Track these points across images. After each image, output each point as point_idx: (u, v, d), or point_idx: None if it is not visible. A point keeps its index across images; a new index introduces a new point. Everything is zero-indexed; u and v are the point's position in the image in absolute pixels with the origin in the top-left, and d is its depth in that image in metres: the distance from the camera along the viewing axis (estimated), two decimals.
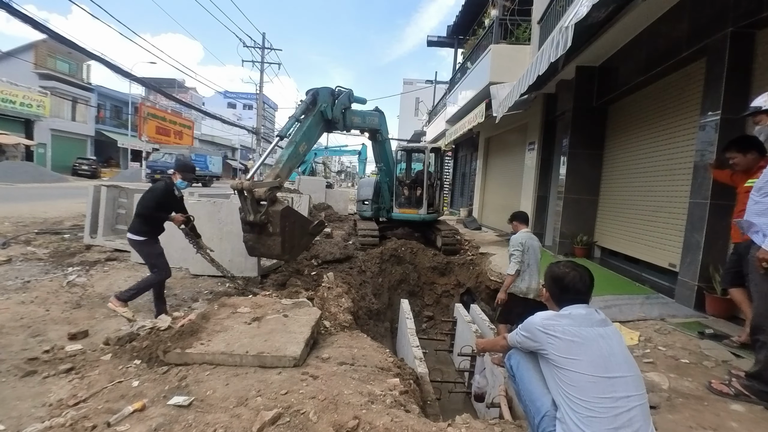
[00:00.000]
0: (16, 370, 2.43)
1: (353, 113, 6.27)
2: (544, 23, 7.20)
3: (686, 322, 3.65)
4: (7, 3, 6.74)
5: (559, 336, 1.66)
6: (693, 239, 4.02)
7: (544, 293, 1.96)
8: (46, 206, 9.48)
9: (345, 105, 5.90)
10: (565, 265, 1.90)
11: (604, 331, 1.66)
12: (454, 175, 18.30)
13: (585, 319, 1.69)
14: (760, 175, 2.39)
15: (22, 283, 4.11)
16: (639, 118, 5.64)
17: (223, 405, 2.05)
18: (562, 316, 1.74)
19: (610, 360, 1.58)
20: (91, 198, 5.86)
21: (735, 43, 3.70)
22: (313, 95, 5.24)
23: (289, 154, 4.82)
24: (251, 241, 4.20)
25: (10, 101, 21.77)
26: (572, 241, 6.66)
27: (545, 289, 1.95)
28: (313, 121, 5.22)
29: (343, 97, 5.82)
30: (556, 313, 1.80)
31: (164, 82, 35.60)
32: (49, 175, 20.16)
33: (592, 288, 1.83)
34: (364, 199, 8.75)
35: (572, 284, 1.80)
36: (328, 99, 5.43)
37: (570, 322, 1.68)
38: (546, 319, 1.75)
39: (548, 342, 1.68)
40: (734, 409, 2.27)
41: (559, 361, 1.64)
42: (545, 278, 1.96)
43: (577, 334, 1.64)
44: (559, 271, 1.87)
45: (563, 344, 1.64)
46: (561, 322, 1.70)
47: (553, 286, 1.88)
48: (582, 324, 1.67)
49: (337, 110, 5.66)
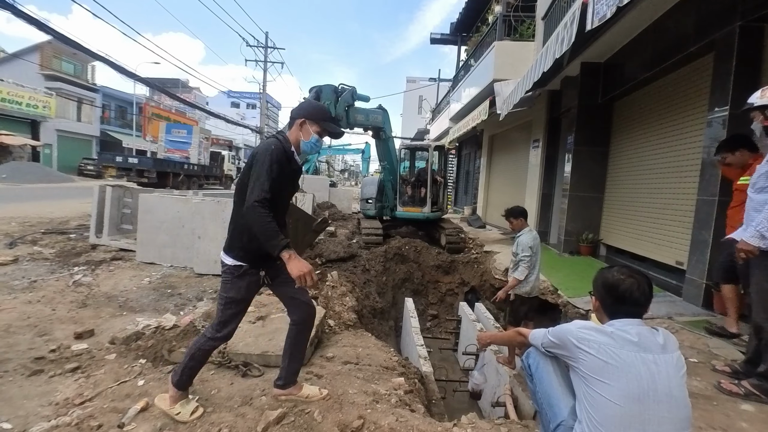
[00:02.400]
0: (23, 369, 2.45)
1: (356, 111, 6.26)
2: (548, 19, 7.14)
3: (694, 320, 3.61)
4: (11, 4, 6.78)
5: (593, 353, 1.46)
6: (701, 237, 3.97)
7: (594, 302, 1.70)
8: (52, 206, 9.55)
9: (348, 102, 5.89)
10: (620, 271, 1.63)
11: (655, 360, 1.42)
12: (457, 173, 18.24)
13: (630, 343, 1.45)
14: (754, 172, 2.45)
15: (28, 282, 4.14)
16: (645, 115, 5.58)
17: (228, 404, 2.05)
18: (603, 332, 1.51)
19: (647, 394, 1.38)
20: (96, 198, 5.88)
21: (743, 37, 3.64)
22: (316, 93, 5.24)
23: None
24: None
25: (17, 102, 21.97)
26: (577, 239, 6.61)
27: (594, 297, 1.70)
28: None
29: (347, 94, 5.81)
30: (596, 326, 1.57)
31: (168, 82, 35.76)
32: (55, 176, 20.34)
33: (651, 299, 1.59)
34: (368, 197, 8.74)
35: (629, 294, 1.54)
36: (331, 97, 5.43)
37: (610, 342, 1.46)
38: (582, 330, 1.55)
39: (580, 357, 1.50)
40: (744, 409, 2.24)
41: (588, 379, 1.47)
42: (595, 285, 1.70)
43: (614, 356, 1.43)
44: (613, 277, 1.61)
45: (596, 363, 1.45)
46: (599, 338, 1.48)
47: (605, 294, 1.61)
48: (624, 347, 1.44)
49: (341, 108, 5.67)
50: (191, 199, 5.28)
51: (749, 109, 2.43)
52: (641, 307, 1.56)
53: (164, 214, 5.18)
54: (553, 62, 4.37)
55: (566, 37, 3.96)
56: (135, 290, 4.21)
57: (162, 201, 5.31)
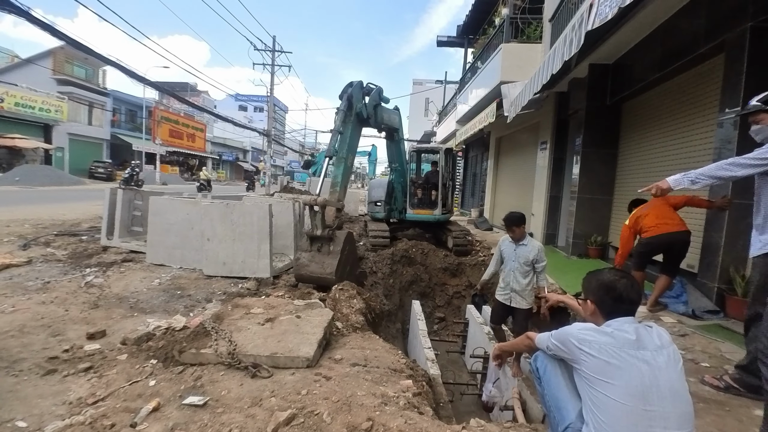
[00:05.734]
0: (37, 369, 2.49)
1: (383, 110, 6.29)
2: (555, 21, 7.11)
3: (706, 324, 3.56)
4: (27, 12, 6.93)
5: (594, 354, 1.48)
6: (712, 240, 3.92)
7: (589, 306, 1.69)
8: (64, 208, 9.71)
9: (376, 101, 5.91)
10: (611, 272, 1.67)
11: (654, 357, 1.45)
12: (464, 176, 18.20)
13: (630, 341, 1.47)
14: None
15: (42, 283, 4.21)
16: (654, 116, 5.53)
17: (238, 405, 2.06)
18: (603, 333, 1.53)
19: (650, 390, 1.39)
20: (108, 200, 5.97)
21: (754, 38, 3.61)
22: (348, 98, 5.24)
23: (342, 174, 5.08)
24: (304, 258, 4.38)
25: (30, 107, 22.42)
26: (586, 242, 6.56)
27: (589, 300, 1.69)
28: (353, 128, 5.36)
29: (375, 93, 5.84)
30: (596, 327, 1.59)
31: (177, 85, 36.23)
32: (66, 178, 20.68)
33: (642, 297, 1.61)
34: (376, 200, 8.71)
35: (626, 293, 1.58)
36: (360, 97, 5.46)
37: (611, 342, 1.48)
38: (583, 331, 1.57)
39: (581, 358, 1.52)
40: (757, 414, 2.21)
41: (591, 380, 1.49)
42: (589, 288, 1.71)
43: (615, 356, 1.45)
44: (609, 278, 1.63)
45: (598, 363, 1.47)
46: (599, 339, 1.50)
47: (604, 296, 1.62)
48: (624, 346, 1.46)
49: (370, 107, 5.70)
50: (200, 202, 5.34)
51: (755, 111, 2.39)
52: (635, 305, 1.61)
53: (174, 216, 5.24)
54: (562, 64, 4.35)
55: (575, 38, 3.95)
56: (145, 291, 4.27)
57: (171, 203, 5.38)
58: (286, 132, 49.29)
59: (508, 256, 3.75)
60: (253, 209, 4.89)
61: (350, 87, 5.38)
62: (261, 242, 4.83)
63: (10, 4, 6.68)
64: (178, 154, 34.38)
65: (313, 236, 4.48)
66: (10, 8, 6.71)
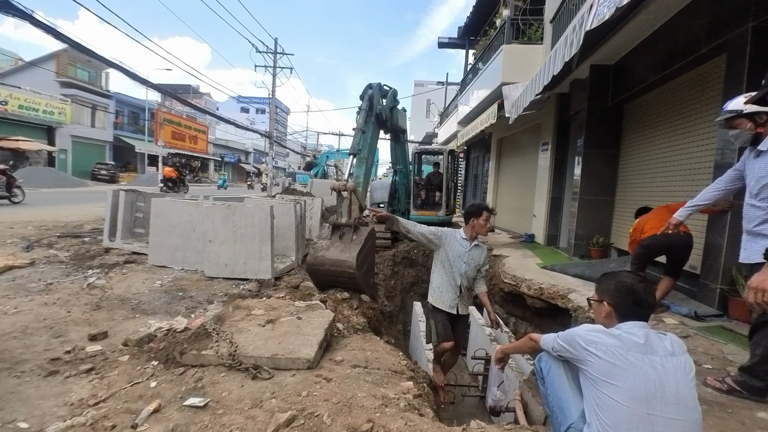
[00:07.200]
0: (39, 370, 2.50)
1: (397, 112, 6.31)
2: (556, 22, 7.12)
3: (708, 326, 3.55)
4: (30, 15, 6.98)
5: (600, 355, 1.48)
6: (714, 241, 3.91)
7: (605, 307, 1.66)
8: (67, 210, 9.75)
9: (392, 103, 5.92)
10: (629, 276, 1.66)
11: (662, 362, 1.43)
12: (466, 177, 18.20)
13: (637, 345, 1.46)
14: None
15: (45, 285, 4.23)
16: (656, 117, 5.52)
17: (239, 406, 2.06)
18: (610, 334, 1.53)
19: (655, 395, 1.38)
20: (110, 202, 6.00)
21: (756, 38, 3.59)
22: (369, 99, 5.25)
23: (363, 174, 5.04)
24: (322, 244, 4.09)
25: (33, 109, 22.56)
26: (588, 243, 6.54)
27: (605, 301, 1.66)
28: (374, 129, 5.38)
29: (390, 96, 5.86)
30: (603, 329, 1.58)
31: (179, 88, 36.37)
32: (70, 180, 20.81)
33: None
34: (379, 202, 8.75)
35: (644, 297, 1.57)
36: (380, 98, 5.49)
37: (617, 344, 1.48)
38: (590, 332, 1.57)
39: (588, 359, 1.52)
40: (761, 417, 2.19)
41: (596, 381, 1.49)
42: (606, 290, 1.68)
43: (621, 358, 1.44)
44: (629, 281, 1.62)
45: (603, 365, 1.47)
46: (606, 340, 1.51)
47: (623, 299, 1.60)
48: (631, 349, 1.46)
49: (386, 109, 5.72)
50: (202, 203, 5.36)
51: (733, 117, 2.38)
52: (651, 310, 1.61)
53: (176, 218, 5.26)
54: (563, 65, 4.35)
55: (575, 39, 3.95)
56: (147, 293, 4.28)
57: (174, 205, 5.39)
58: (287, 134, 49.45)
59: (456, 257, 3.40)
60: (254, 211, 4.90)
61: (370, 88, 5.41)
62: (262, 244, 4.84)
63: (14, 7, 6.72)
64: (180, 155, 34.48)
65: (336, 224, 4.16)
66: (14, 11, 6.76)
